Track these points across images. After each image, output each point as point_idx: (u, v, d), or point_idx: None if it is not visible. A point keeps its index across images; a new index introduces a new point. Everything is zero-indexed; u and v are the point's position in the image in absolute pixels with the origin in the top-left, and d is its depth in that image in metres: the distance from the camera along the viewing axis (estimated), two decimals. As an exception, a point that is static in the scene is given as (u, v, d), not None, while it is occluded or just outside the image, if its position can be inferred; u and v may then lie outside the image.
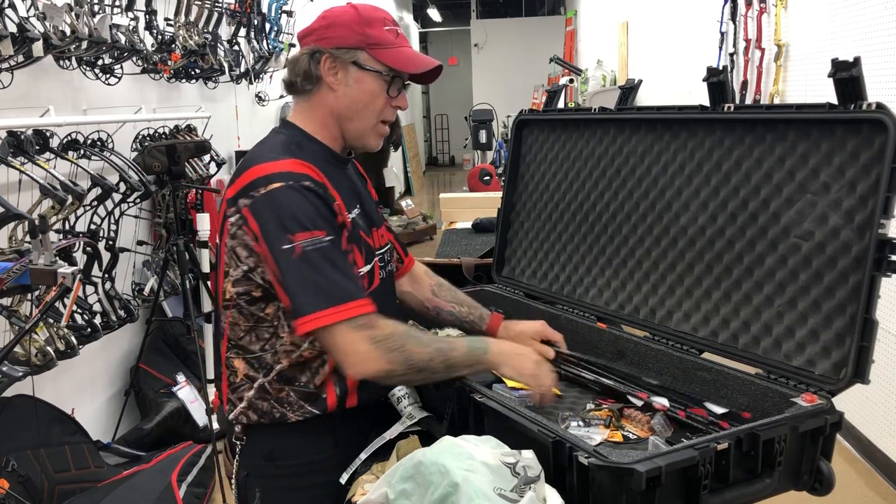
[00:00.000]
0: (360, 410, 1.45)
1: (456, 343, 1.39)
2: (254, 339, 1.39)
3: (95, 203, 2.85)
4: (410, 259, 1.77)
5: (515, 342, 1.59)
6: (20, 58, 2.46)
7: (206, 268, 3.40)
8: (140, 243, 3.51)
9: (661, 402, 1.46)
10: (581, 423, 1.42)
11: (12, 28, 2.38)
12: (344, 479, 1.37)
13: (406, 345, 1.30)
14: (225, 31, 4.42)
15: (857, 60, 1.24)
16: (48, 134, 2.68)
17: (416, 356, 1.31)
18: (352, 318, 1.28)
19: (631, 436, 1.40)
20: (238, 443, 1.46)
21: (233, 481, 1.50)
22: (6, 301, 2.33)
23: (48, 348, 2.40)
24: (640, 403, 1.47)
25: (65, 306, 2.58)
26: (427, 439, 1.34)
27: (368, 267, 1.44)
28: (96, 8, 2.88)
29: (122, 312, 2.99)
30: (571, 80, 9.00)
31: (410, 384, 1.45)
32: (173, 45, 3.62)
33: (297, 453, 1.43)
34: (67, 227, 2.76)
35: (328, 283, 1.28)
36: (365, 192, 1.58)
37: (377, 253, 1.50)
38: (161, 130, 3.68)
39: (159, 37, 3.54)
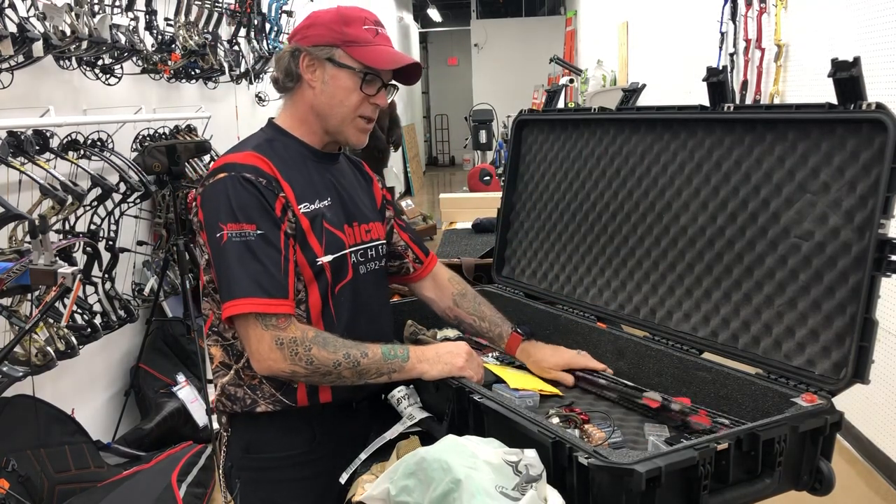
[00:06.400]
0: (339, 408, 1.47)
1: (371, 349, 1.38)
2: (226, 326, 1.43)
3: (95, 203, 2.85)
4: (432, 260, 1.74)
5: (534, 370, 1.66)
6: (20, 58, 2.46)
7: (205, 268, 3.40)
8: (140, 243, 3.50)
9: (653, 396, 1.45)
10: None
11: (12, 28, 2.38)
12: (344, 479, 1.37)
13: (312, 349, 1.33)
14: (225, 31, 4.42)
15: (857, 60, 1.24)
16: (48, 134, 2.68)
17: (319, 360, 1.34)
18: (263, 314, 1.32)
19: None
20: (225, 434, 1.50)
21: (220, 472, 1.54)
22: (6, 301, 2.33)
23: (48, 348, 2.40)
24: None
25: (65, 306, 2.58)
26: (427, 440, 1.34)
27: (331, 257, 1.43)
28: (96, 8, 2.88)
29: (122, 312, 2.99)
30: (571, 80, 9.00)
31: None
32: (173, 45, 3.62)
33: (272, 447, 1.46)
34: (67, 227, 2.76)
35: (247, 275, 1.32)
36: (358, 190, 1.58)
37: (352, 247, 1.49)
38: (161, 131, 3.68)
39: (159, 37, 3.54)
